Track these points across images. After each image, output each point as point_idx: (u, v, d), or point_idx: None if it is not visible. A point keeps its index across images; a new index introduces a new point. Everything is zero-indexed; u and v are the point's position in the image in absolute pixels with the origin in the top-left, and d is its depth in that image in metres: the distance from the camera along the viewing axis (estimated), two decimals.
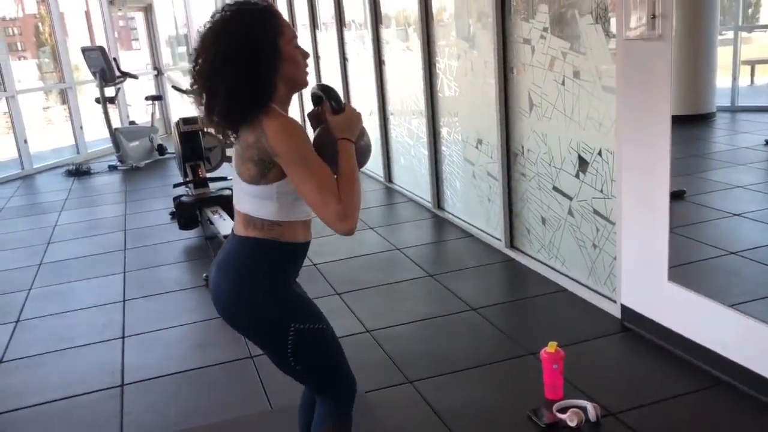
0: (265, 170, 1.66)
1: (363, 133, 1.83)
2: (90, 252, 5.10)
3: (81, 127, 9.18)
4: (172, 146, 7.41)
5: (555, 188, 3.71)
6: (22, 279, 4.60)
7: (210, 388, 3.03)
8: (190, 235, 5.27)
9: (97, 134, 9.22)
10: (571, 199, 3.59)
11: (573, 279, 3.67)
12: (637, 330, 3.13)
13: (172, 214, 5.71)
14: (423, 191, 5.50)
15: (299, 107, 8.08)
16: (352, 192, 1.66)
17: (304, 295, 1.83)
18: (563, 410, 2.54)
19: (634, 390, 2.71)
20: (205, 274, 4.31)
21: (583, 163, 3.44)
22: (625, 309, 3.20)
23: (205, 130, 6.06)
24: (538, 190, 3.88)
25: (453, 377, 2.92)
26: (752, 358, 2.57)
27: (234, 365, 3.19)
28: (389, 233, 4.96)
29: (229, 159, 6.99)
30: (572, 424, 2.47)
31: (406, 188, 5.93)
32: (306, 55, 1.77)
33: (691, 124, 5.51)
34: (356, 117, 1.79)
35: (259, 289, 1.73)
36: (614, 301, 3.31)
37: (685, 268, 3.15)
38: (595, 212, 3.41)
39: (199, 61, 1.68)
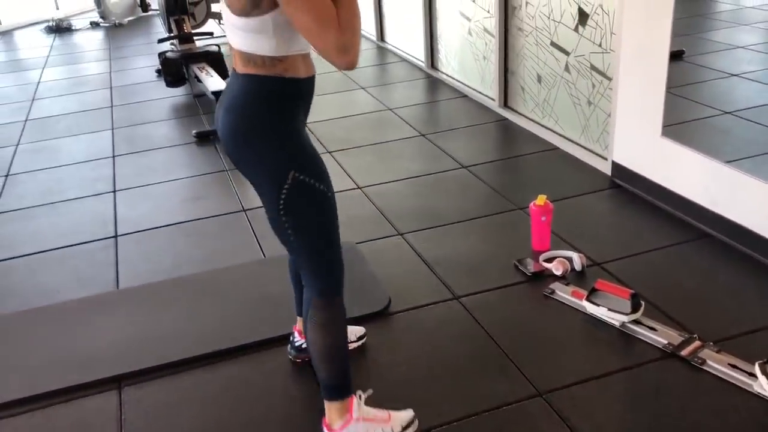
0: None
1: None
2: (76, 109, 4.99)
3: None
4: (155, 2, 7.07)
5: (553, 43, 3.60)
6: (9, 135, 4.53)
7: (203, 238, 3.07)
8: (178, 93, 5.15)
9: None
10: (568, 54, 3.49)
11: (565, 137, 3.64)
12: (627, 186, 3.15)
13: (159, 71, 5.55)
14: (416, 50, 5.33)
15: None
16: (352, 21, 1.49)
17: (312, 149, 1.67)
18: (549, 260, 2.60)
19: (621, 242, 2.76)
20: (194, 131, 4.25)
21: (583, 16, 3.31)
22: (616, 166, 3.20)
23: None
24: (535, 46, 3.76)
25: (442, 230, 2.96)
26: (741, 212, 2.60)
27: (227, 218, 3.22)
28: (381, 93, 4.86)
29: (214, 15, 6.70)
30: (558, 273, 2.53)
31: (398, 47, 5.75)
32: None
33: None
34: None
35: (263, 125, 1.61)
36: (605, 159, 3.31)
37: (679, 127, 3.12)
38: (593, 68, 3.32)
39: None
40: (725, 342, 2.12)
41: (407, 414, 1.86)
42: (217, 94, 4.18)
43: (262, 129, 1.61)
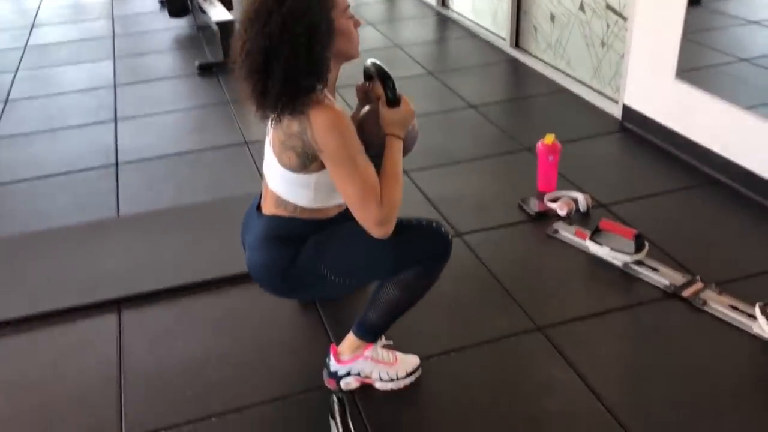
0: (306, 162, 1.54)
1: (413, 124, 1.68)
2: (77, 37, 4.89)
3: None
4: None
5: None
6: (8, 61, 4.45)
7: (205, 169, 3.03)
8: (181, 24, 5.03)
9: None
10: None
11: (576, 79, 3.57)
12: (637, 130, 3.09)
13: (162, 2, 5.42)
14: None
15: None
16: (393, 194, 1.53)
17: (333, 236, 1.67)
18: (554, 200, 2.57)
19: (628, 185, 2.73)
20: (197, 62, 4.17)
21: None
22: (626, 109, 3.14)
23: None
24: None
25: (447, 169, 2.93)
26: (752, 158, 2.56)
27: (229, 149, 3.18)
28: (390, 30, 4.75)
29: None
30: (562, 213, 2.51)
31: None
32: (358, 24, 1.59)
33: None
34: (411, 114, 1.65)
35: (290, 262, 1.63)
36: (616, 102, 3.24)
37: (693, 73, 3.04)
38: (608, 7, 3.22)
39: (249, 38, 1.47)
40: (727, 284, 2.11)
41: (413, 361, 1.83)
42: (220, 24, 4.09)
43: (291, 266, 1.63)
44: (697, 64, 3.41)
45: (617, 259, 2.23)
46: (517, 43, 4.09)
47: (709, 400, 1.72)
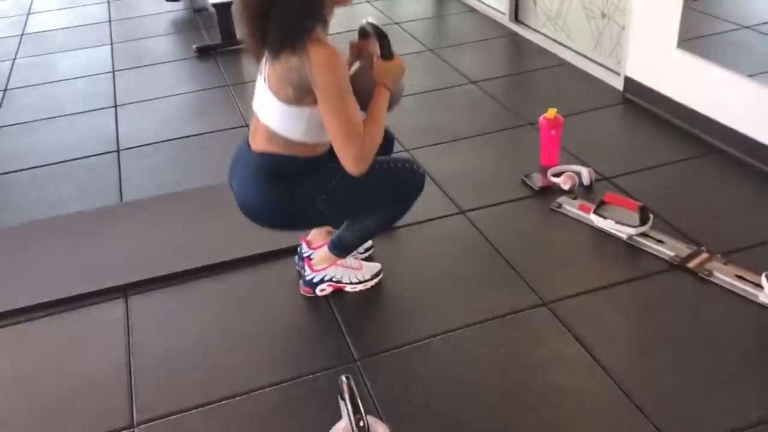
0: (302, 95, 1.65)
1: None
2: (73, 23, 4.85)
3: None
4: None
5: None
6: (5, 49, 4.42)
7: (206, 153, 3.02)
8: (178, 7, 4.99)
9: None
10: None
11: (577, 52, 3.54)
12: (639, 101, 3.07)
13: None
14: None
15: None
16: (374, 137, 1.69)
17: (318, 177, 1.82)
18: (557, 175, 2.56)
19: (631, 157, 2.72)
20: (195, 46, 4.14)
21: None
22: (628, 81, 3.12)
23: None
24: None
25: (449, 146, 2.91)
26: (757, 126, 2.54)
27: (230, 133, 3.17)
28: (387, 6, 4.71)
29: None
30: (565, 187, 2.50)
31: None
32: None
33: None
34: (401, 69, 1.80)
35: (281, 200, 1.79)
36: (618, 74, 3.22)
37: (696, 42, 3.01)
38: None
39: None
40: (733, 254, 2.10)
41: (376, 266, 2.12)
42: (218, 6, 4.05)
43: (281, 204, 1.79)
44: (700, 32, 3.37)
45: (622, 232, 2.22)
46: (516, 17, 4.05)
47: (716, 370, 1.73)
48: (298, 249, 2.18)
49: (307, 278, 2.05)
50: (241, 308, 2.09)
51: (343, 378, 1.41)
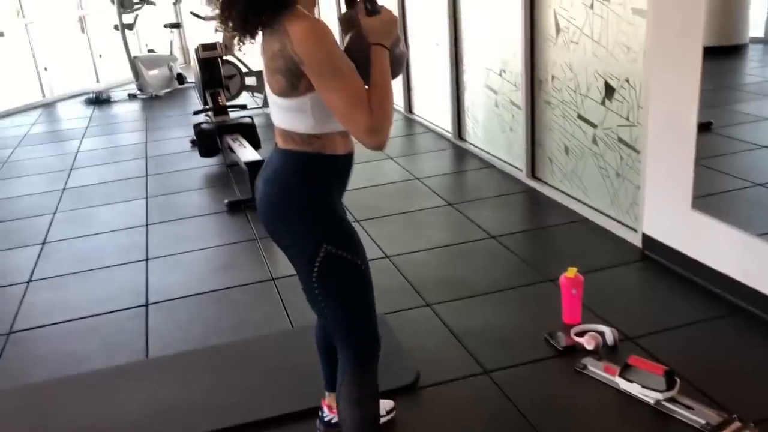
0: (294, 81, 1.54)
1: (398, 39, 1.67)
2: (112, 178, 5.14)
3: (100, 56, 9.13)
4: (192, 75, 7.35)
5: (580, 116, 3.64)
6: (47, 203, 4.67)
7: (232, 308, 3.09)
8: (211, 163, 5.28)
9: (115, 63, 9.15)
10: (595, 127, 3.53)
11: (594, 208, 3.65)
12: (658, 259, 3.12)
13: (193, 142, 5.72)
14: (444, 121, 5.43)
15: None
16: (384, 103, 1.53)
17: (346, 223, 1.71)
18: (581, 334, 2.57)
19: (653, 316, 2.72)
20: (226, 200, 4.34)
21: (609, 90, 3.36)
22: (646, 238, 3.18)
23: (224, 58, 6.00)
24: (562, 119, 3.81)
25: (471, 301, 2.95)
26: None
27: (256, 287, 3.25)
28: (409, 163, 4.94)
29: (248, 88, 6.93)
30: (590, 347, 2.49)
31: (426, 119, 5.86)
32: None
33: (722, 56, 5.30)
34: (393, 20, 1.63)
35: (298, 200, 1.65)
36: (635, 231, 3.29)
37: (709, 199, 3.11)
38: (620, 140, 3.35)
39: None
40: (766, 423, 2.05)
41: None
42: (249, 164, 4.29)
43: (297, 203, 1.66)
44: (713, 189, 3.48)
45: (649, 396, 2.19)
46: (533, 173, 4.22)
47: None
48: (320, 412, 2.17)
49: (326, 419, 2.11)
50: None
51: None
